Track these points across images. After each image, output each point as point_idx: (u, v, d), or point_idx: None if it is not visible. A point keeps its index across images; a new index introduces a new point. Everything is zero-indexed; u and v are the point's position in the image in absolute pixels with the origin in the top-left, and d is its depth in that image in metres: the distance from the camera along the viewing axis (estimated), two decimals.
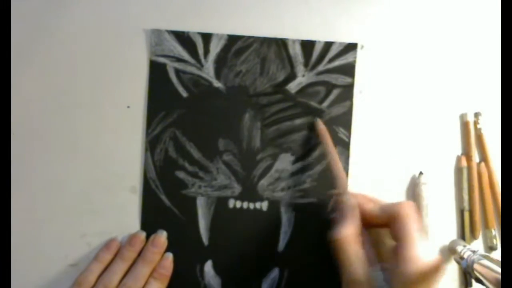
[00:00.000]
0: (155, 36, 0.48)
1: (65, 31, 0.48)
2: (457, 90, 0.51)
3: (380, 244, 0.44)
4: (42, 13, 0.48)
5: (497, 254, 0.49)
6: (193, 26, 0.49)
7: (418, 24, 0.51)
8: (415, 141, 0.50)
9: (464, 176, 0.50)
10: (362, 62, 0.50)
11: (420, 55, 0.50)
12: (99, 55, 0.48)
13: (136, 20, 0.48)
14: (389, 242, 0.43)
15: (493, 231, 0.50)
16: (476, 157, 0.51)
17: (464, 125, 0.51)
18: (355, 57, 0.50)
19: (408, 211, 0.41)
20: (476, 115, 0.50)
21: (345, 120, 0.50)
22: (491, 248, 0.50)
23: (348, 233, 0.41)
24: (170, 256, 0.48)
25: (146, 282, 0.46)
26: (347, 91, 0.50)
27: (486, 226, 0.50)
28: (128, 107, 0.49)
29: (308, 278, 0.49)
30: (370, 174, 0.50)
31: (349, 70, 0.50)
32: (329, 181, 0.49)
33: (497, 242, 0.50)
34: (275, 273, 0.49)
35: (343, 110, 0.50)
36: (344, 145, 0.50)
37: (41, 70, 0.48)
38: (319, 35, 0.50)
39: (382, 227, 0.43)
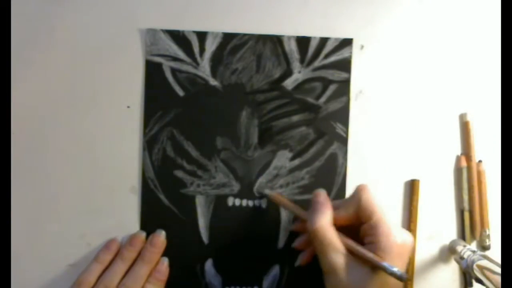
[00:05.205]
0: (150, 35, 0.49)
1: (62, 31, 0.49)
2: (457, 90, 0.51)
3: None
4: (41, 14, 0.49)
5: (489, 254, 0.48)
6: (188, 25, 0.49)
7: (418, 23, 0.51)
8: (415, 141, 0.50)
9: (464, 176, 0.50)
10: (362, 61, 0.50)
11: (420, 54, 0.50)
12: (95, 56, 0.49)
13: (131, 20, 0.49)
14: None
15: (487, 230, 0.49)
16: (476, 157, 0.50)
17: (464, 125, 0.50)
18: (351, 53, 0.50)
19: (367, 192, 0.43)
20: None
21: (343, 115, 0.50)
22: (484, 248, 0.50)
23: (321, 224, 0.42)
24: (165, 260, 0.48)
25: (142, 287, 0.46)
26: (344, 87, 0.50)
27: (481, 226, 0.50)
28: (128, 107, 0.49)
29: (309, 274, 0.48)
30: (369, 173, 0.50)
31: (345, 65, 0.50)
32: (328, 177, 0.49)
33: (490, 242, 0.49)
34: (275, 270, 0.49)
35: (340, 106, 0.50)
36: (342, 141, 0.49)
37: (41, 70, 0.49)
38: (315, 32, 0.50)
39: (350, 224, 0.44)
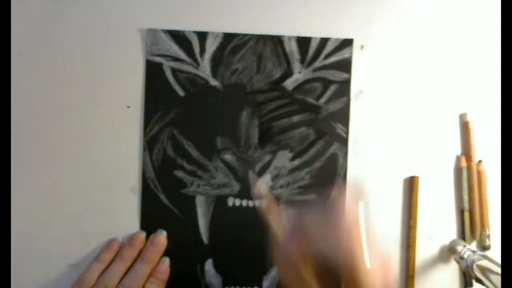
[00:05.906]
0: (151, 35, 0.49)
1: (62, 31, 0.49)
2: (457, 90, 0.51)
3: None
4: (41, 14, 0.49)
5: (489, 254, 0.48)
6: (188, 25, 0.49)
7: (418, 23, 0.51)
8: (415, 141, 0.50)
9: (464, 176, 0.50)
10: (362, 61, 0.50)
11: (420, 54, 0.50)
12: (96, 56, 0.49)
13: (131, 20, 0.49)
14: None
15: (487, 230, 0.49)
16: (476, 157, 0.50)
17: (464, 125, 0.50)
18: (351, 53, 0.50)
19: None
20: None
21: (343, 116, 0.50)
22: (484, 248, 0.50)
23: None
24: (166, 260, 0.48)
25: (143, 287, 0.46)
26: (344, 87, 0.50)
27: (481, 226, 0.50)
28: (128, 107, 0.49)
29: None
30: (369, 173, 0.50)
31: (345, 65, 0.50)
32: (328, 178, 0.49)
33: (490, 242, 0.50)
34: (275, 270, 0.49)
35: (340, 106, 0.50)
36: (342, 141, 0.49)
37: (41, 70, 0.49)
38: (316, 32, 0.50)
39: None
